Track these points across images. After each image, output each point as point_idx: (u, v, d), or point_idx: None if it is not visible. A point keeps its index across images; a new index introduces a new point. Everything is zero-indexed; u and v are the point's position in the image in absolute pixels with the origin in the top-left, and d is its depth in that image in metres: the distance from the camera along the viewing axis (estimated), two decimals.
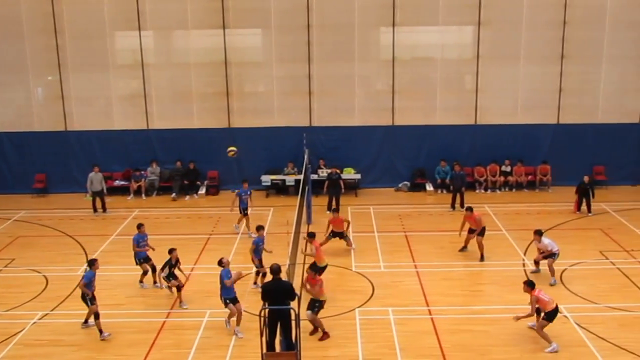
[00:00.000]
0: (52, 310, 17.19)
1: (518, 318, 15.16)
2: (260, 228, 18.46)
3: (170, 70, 28.11)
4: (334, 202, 24.20)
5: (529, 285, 15.20)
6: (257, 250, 18.02)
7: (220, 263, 16.08)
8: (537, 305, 14.95)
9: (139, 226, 18.76)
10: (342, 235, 20.87)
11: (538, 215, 24.23)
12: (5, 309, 17.27)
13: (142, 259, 18.40)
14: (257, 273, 18.22)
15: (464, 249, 20.52)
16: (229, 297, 15.80)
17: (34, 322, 16.53)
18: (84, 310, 16.06)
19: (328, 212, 24.93)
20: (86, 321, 16.11)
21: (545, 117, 27.52)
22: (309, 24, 26.89)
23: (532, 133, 27.54)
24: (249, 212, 22.70)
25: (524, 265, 19.55)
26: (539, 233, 18.35)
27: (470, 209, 20.31)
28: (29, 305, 17.50)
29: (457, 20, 27.34)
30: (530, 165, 27.55)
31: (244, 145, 27.74)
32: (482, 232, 19.93)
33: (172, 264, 17.65)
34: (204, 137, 27.79)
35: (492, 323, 16.08)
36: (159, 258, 18.20)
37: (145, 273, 18.50)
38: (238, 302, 15.87)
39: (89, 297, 15.70)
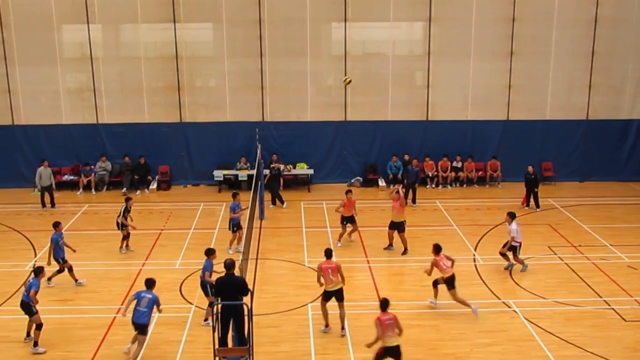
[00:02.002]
0: None
1: (426, 270, 16.68)
2: (211, 252, 15.83)
3: (120, 64, 27.68)
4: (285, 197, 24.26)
5: (436, 248, 16.43)
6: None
7: (148, 284, 14.43)
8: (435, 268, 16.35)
9: (56, 224, 18.08)
10: (352, 220, 20.78)
11: (488, 211, 24.61)
12: None
13: (62, 259, 17.82)
14: (211, 304, 15.47)
15: (389, 247, 20.54)
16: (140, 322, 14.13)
17: None
18: None
19: (272, 205, 24.92)
20: (29, 334, 15.13)
21: (495, 114, 27.96)
22: (260, 19, 26.78)
23: (482, 129, 27.94)
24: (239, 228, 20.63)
25: (474, 260, 19.82)
26: (511, 215, 18.69)
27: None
28: None
29: (408, 16, 27.56)
30: (481, 161, 27.95)
31: (196, 139, 27.69)
32: (402, 228, 20.10)
33: (128, 210, 20.07)
34: (154, 131, 27.50)
35: (442, 318, 16.26)
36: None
37: (59, 271, 17.89)
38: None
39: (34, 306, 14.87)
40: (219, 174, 27.09)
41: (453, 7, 27.11)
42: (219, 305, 13.29)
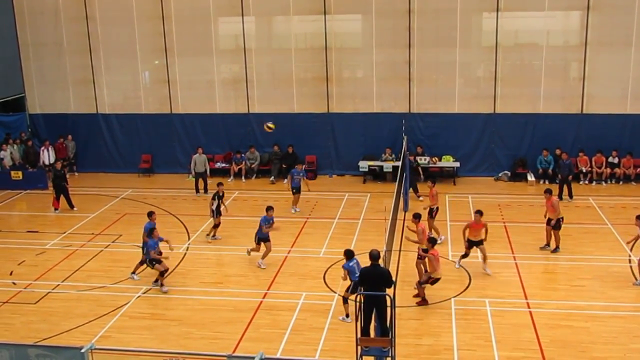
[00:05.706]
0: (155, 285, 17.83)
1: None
2: (269, 209, 19.25)
3: (271, 55, 28.49)
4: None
5: (415, 217, 17.84)
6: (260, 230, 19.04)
7: None
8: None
9: (150, 214, 18.41)
10: (479, 244, 18.14)
11: None
12: (112, 282, 18.08)
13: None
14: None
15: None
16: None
17: (139, 296, 17.22)
18: (185, 287, 16.71)
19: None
20: (157, 280, 17.33)
21: None
22: (409, 9, 26.59)
23: None
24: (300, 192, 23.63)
25: (629, 261, 18.76)
26: None
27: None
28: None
29: (564, 5, 26.37)
30: None
31: (343, 130, 28.00)
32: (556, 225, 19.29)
33: (220, 196, 20.72)
34: (303, 121, 28.06)
35: (593, 319, 15.55)
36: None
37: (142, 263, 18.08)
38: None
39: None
40: (364, 165, 27.27)
41: None
42: (362, 295, 13.37)
